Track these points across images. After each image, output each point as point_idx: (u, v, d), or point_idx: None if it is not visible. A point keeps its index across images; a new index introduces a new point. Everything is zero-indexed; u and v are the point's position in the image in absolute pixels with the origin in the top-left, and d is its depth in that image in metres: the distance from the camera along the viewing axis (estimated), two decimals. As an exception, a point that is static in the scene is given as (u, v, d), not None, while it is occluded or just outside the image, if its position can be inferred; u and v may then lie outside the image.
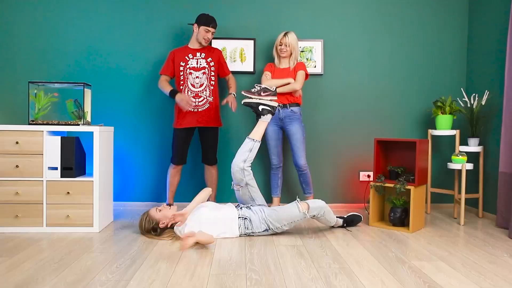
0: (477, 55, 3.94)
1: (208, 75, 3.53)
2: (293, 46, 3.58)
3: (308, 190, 3.71)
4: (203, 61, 3.52)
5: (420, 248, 2.75)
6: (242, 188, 3.11)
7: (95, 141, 3.10)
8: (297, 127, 3.60)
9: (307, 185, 3.70)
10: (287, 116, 3.61)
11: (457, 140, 3.74)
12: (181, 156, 3.56)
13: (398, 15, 4.06)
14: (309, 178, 3.68)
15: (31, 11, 3.89)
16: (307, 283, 2.13)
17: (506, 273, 2.31)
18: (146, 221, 2.93)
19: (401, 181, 3.22)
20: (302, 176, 3.66)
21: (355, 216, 3.32)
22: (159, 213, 2.91)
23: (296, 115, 3.61)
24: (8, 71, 3.90)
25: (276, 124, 3.66)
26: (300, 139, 3.59)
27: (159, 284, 2.09)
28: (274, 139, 3.67)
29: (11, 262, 2.39)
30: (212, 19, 3.47)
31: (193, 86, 3.50)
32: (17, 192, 3.04)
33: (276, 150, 3.69)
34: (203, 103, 3.51)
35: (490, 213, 3.66)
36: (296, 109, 3.62)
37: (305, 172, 3.64)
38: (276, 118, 3.63)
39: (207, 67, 3.52)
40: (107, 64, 3.94)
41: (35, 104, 3.19)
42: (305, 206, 2.93)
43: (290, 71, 3.61)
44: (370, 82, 4.06)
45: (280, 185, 3.79)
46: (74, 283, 2.09)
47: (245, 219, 2.98)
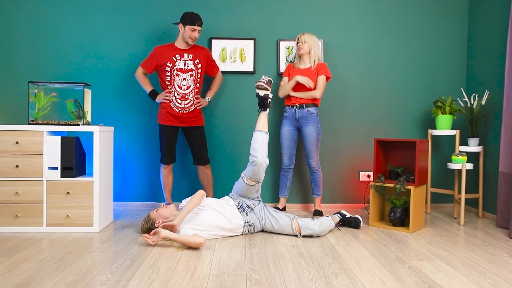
0: (477, 55, 3.94)
1: (195, 77, 3.52)
2: (310, 43, 3.59)
3: (316, 191, 3.72)
4: (190, 63, 3.49)
5: (420, 248, 2.75)
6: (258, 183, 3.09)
7: (95, 141, 3.10)
8: (312, 128, 3.59)
9: (316, 186, 3.71)
10: (303, 116, 3.60)
11: (457, 140, 3.74)
12: (170, 154, 3.57)
13: (398, 15, 4.06)
14: (319, 179, 3.69)
15: (31, 11, 3.89)
16: (307, 283, 2.13)
17: (506, 273, 2.31)
18: (144, 222, 2.99)
19: (401, 181, 3.22)
20: (313, 176, 3.69)
21: (356, 220, 3.27)
22: (155, 213, 2.95)
23: (313, 115, 3.60)
24: (8, 71, 3.90)
25: (293, 125, 3.66)
26: (313, 141, 3.60)
27: (159, 284, 2.09)
28: (288, 140, 3.67)
29: (11, 262, 2.39)
30: (197, 16, 3.41)
31: (180, 88, 3.48)
32: (17, 192, 3.04)
33: (289, 151, 3.69)
34: (189, 106, 3.51)
35: (490, 213, 3.66)
36: (313, 110, 3.60)
37: (316, 172, 3.67)
38: (292, 118, 3.64)
39: (194, 69, 3.50)
40: (107, 64, 3.94)
41: (35, 104, 3.19)
42: (298, 229, 2.99)
43: (311, 72, 3.60)
44: (370, 82, 4.06)
45: (288, 186, 3.79)
46: (74, 283, 2.09)
47: (250, 226, 3.03)
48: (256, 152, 3.03)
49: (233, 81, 3.98)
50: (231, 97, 4.00)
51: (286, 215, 3.06)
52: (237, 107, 4.00)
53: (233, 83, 3.98)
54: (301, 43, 3.60)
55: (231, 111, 4.00)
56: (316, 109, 3.63)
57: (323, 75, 3.58)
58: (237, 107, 4.01)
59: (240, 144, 4.01)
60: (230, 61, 3.95)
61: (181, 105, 3.48)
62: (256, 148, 3.05)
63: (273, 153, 4.00)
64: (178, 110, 3.49)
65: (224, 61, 3.94)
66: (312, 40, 3.61)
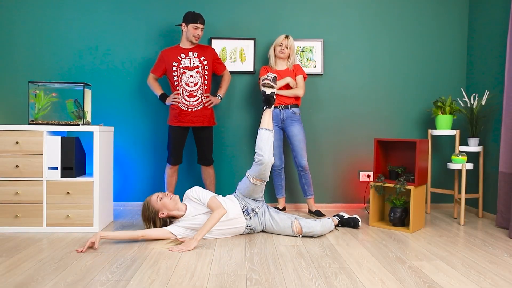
0: (477, 55, 3.94)
1: (202, 74, 3.53)
2: (292, 49, 3.63)
3: (309, 192, 3.70)
4: (196, 60, 3.51)
5: (420, 248, 2.75)
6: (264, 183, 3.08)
7: (95, 141, 3.10)
8: (298, 128, 3.61)
9: (309, 187, 3.69)
10: (288, 117, 3.61)
11: (457, 140, 3.74)
12: (177, 155, 3.57)
13: (398, 15, 4.06)
14: (310, 179, 3.69)
15: (31, 11, 3.89)
16: (307, 283, 2.13)
17: (506, 273, 2.31)
18: (146, 208, 2.88)
19: (401, 181, 3.22)
20: (304, 177, 3.66)
21: (355, 220, 3.28)
22: (159, 202, 2.85)
23: (297, 116, 3.63)
24: (8, 71, 3.90)
25: (277, 125, 3.66)
26: (302, 140, 3.61)
27: (159, 284, 2.09)
28: (276, 140, 3.65)
29: (11, 262, 2.39)
30: (198, 15, 3.47)
31: (187, 85, 3.50)
32: (17, 192, 3.04)
33: (278, 151, 3.68)
34: (197, 103, 3.52)
35: (490, 213, 3.66)
36: (297, 110, 3.64)
37: (306, 173, 3.65)
38: (277, 119, 3.64)
39: (200, 66, 3.52)
40: (107, 64, 3.94)
41: (35, 104, 3.19)
42: (299, 230, 2.99)
43: (289, 72, 3.63)
44: (370, 82, 4.06)
45: (284, 186, 3.79)
46: (74, 283, 2.09)
47: (251, 229, 3.04)
48: (262, 151, 3.01)
49: (233, 81, 3.98)
50: (231, 97, 4.00)
51: (287, 216, 3.05)
52: (237, 107, 4.00)
53: (233, 83, 3.98)
54: (285, 47, 3.61)
55: (231, 111, 4.00)
56: (299, 110, 3.65)
57: (301, 74, 3.64)
58: (237, 107, 4.01)
59: (241, 143, 4.01)
60: (230, 61, 3.95)
61: (190, 102, 3.49)
62: (262, 146, 3.03)
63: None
64: (187, 108, 3.50)
65: (224, 61, 3.94)
66: (293, 45, 3.65)
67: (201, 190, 2.95)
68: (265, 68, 3.69)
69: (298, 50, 3.98)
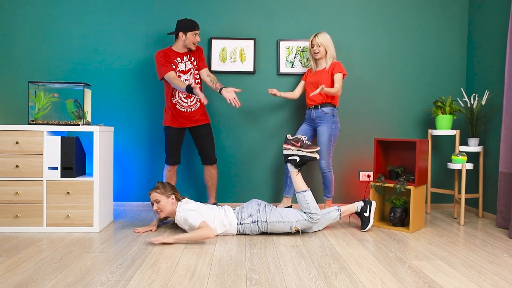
0: (477, 55, 3.94)
1: (193, 74, 3.53)
2: (326, 45, 3.54)
3: (327, 193, 3.61)
4: (188, 63, 3.52)
5: (420, 248, 2.75)
6: None
7: (95, 141, 3.10)
8: (324, 128, 3.52)
9: (326, 188, 3.60)
10: (317, 116, 3.56)
11: (457, 140, 3.74)
12: (175, 156, 3.56)
13: (398, 15, 4.06)
14: (329, 181, 3.57)
15: (31, 11, 3.89)
16: (307, 283, 2.13)
17: (506, 273, 2.31)
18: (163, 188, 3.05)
19: (401, 181, 3.22)
20: (323, 177, 3.59)
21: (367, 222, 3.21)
22: (156, 205, 3.01)
23: (327, 115, 3.53)
24: (8, 71, 3.90)
25: (309, 124, 3.65)
26: (325, 141, 3.50)
27: (159, 284, 2.09)
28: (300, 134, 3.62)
29: (11, 262, 2.39)
30: (195, 22, 3.44)
31: None
32: (17, 192, 3.04)
33: None
34: (194, 103, 3.52)
35: (490, 213, 3.66)
36: (327, 110, 3.53)
37: (326, 174, 3.55)
38: (309, 119, 3.63)
39: (192, 67, 3.52)
40: (107, 64, 3.94)
41: (35, 104, 3.19)
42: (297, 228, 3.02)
43: (325, 72, 3.55)
44: (370, 82, 4.06)
45: None
46: (74, 283, 2.09)
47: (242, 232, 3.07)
48: (316, 210, 3.03)
49: (233, 81, 3.98)
50: (231, 97, 4.00)
51: (288, 220, 3.01)
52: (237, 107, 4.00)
53: (233, 83, 3.98)
54: (317, 46, 3.53)
55: (231, 111, 4.00)
56: (331, 109, 3.54)
57: (338, 72, 3.50)
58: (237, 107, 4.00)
59: (240, 144, 4.01)
60: (230, 61, 3.95)
61: (187, 103, 3.49)
62: (315, 205, 3.03)
63: (276, 153, 4.00)
64: (186, 109, 3.49)
65: (224, 61, 3.94)
66: (328, 41, 3.54)
67: (188, 218, 2.88)
68: (308, 70, 3.71)
69: (298, 50, 3.97)
